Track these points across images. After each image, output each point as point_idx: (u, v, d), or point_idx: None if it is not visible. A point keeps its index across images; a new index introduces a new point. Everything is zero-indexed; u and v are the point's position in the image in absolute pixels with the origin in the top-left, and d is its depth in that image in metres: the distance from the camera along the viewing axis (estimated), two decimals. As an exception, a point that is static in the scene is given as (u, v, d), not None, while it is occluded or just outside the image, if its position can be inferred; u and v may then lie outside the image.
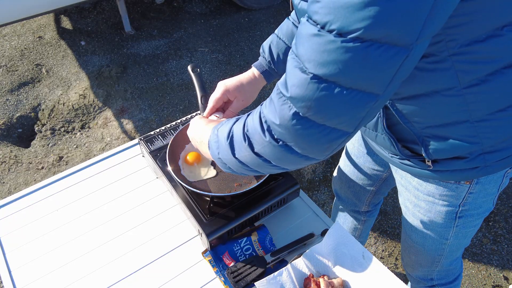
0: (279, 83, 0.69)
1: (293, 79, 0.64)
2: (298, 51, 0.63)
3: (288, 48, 1.09)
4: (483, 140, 0.85)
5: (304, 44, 0.62)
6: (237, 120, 0.80)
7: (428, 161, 0.92)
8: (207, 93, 1.23)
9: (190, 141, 1.22)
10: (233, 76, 1.12)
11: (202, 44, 3.49)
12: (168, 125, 1.33)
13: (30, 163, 2.60)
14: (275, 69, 1.12)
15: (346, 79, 0.60)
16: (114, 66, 3.27)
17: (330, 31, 0.57)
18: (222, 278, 1.03)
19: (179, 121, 1.35)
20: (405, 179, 1.09)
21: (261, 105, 0.75)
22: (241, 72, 1.14)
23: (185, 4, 3.97)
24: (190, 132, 1.00)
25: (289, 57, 0.67)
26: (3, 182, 2.50)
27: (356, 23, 0.55)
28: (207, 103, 1.20)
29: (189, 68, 1.22)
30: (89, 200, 1.24)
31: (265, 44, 1.13)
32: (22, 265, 1.08)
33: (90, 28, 3.67)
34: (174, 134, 1.20)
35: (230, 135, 0.79)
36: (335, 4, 0.56)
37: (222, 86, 1.08)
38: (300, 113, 0.65)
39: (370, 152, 1.30)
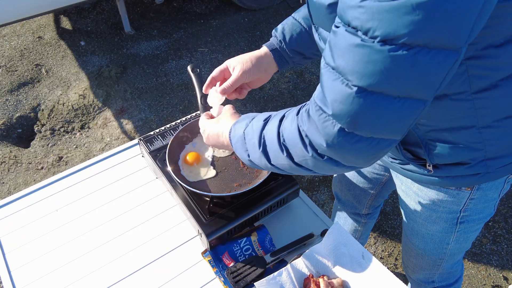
0: (316, 99, 0.65)
1: (334, 94, 0.61)
2: (337, 64, 0.60)
3: (303, 30, 1.06)
4: (487, 147, 0.84)
5: (344, 56, 0.59)
6: (264, 125, 0.77)
7: (429, 166, 0.91)
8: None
9: (189, 142, 1.22)
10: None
11: (202, 44, 3.49)
12: (168, 125, 1.33)
13: (30, 163, 2.60)
14: (286, 50, 1.07)
15: (394, 89, 0.57)
16: (113, 66, 3.27)
17: (373, 38, 0.55)
18: (222, 278, 1.03)
19: (178, 121, 1.35)
20: (405, 185, 1.08)
21: (290, 110, 0.73)
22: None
23: (185, 4, 3.97)
24: (206, 130, 0.97)
25: (323, 70, 0.64)
26: (3, 182, 2.50)
27: (402, 29, 0.52)
28: (207, 103, 1.20)
29: (188, 68, 1.22)
30: (89, 200, 1.24)
31: (279, 25, 1.08)
32: (21, 265, 1.08)
33: (90, 28, 3.67)
34: (174, 134, 1.20)
35: (262, 143, 0.76)
36: (379, 8, 0.53)
37: (227, 60, 1.06)
38: (346, 129, 0.62)
39: None
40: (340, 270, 0.99)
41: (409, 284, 1.52)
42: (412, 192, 1.07)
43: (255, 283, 0.94)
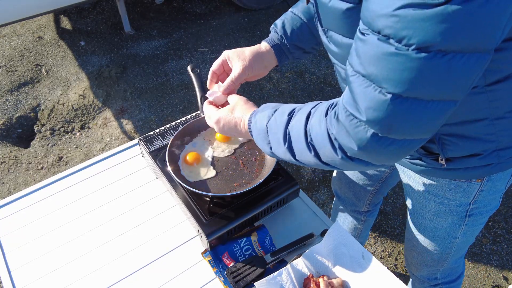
0: (346, 104, 0.66)
1: (368, 102, 0.62)
2: (368, 71, 0.61)
3: (304, 24, 1.06)
4: (500, 138, 0.85)
5: (376, 63, 0.60)
6: (289, 121, 0.77)
7: (442, 160, 0.91)
8: (206, 93, 1.23)
9: (189, 141, 1.22)
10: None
11: (202, 44, 3.49)
12: (168, 125, 1.33)
13: (30, 164, 2.60)
14: (287, 45, 1.06)
15: (428, 93, 0.59)
16: (113, 66, 3.27)
17: (408, 46, 0.55)
18: (222, 279, 1.03)
19: (178, 121, 1.35)
20: (413, 180, 1.08)
21: (315, 107, 0.73)
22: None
23: (185, 4, 3.97)
24: (220, 120, 0.93)
25: (351, 78, 0.64)
26: (3, 183, 2.50)
27: (438, 36, 0.53)
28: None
29: (188, 68, 1.22)
30: (89, 200, 1.24)
31: (278, 21, 1.08)
32: (21, 265, 1.08)
33: (90, 28, 3.67)
34: (174, 134, 1.20)
35: (288, 139, 0.76)
36: (414, 17, 0.54)
37: (224, 52, 1.04)
38: (379, 134, 0.63)
39: None
40: (340, 270, 0.99)
41: (410, 282, 1.52)
42: (421, 187, 1.06)
43: (255, 283, 0.94)
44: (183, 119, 1.37)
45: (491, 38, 0.56)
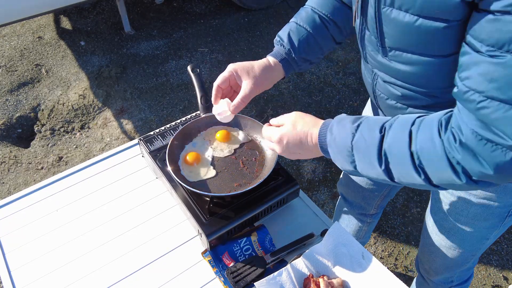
0: (477, 129, 0.63)
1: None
2: (510, 95, 0.58)
3: (310, 35, 1.03)
4: None
5: None
6: (382, 139, 0.72)
7: None
8: (206, 93, 1.23)
9: (189, 142, 1.22)
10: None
11: (202, 44, 3.49)
12: (168, 125, 1.33)
13: (30, 163, 2.60)
14: (294, 58, 1.03)
15: None
16: (113, 66, 3.27)
17: None
18: (222, 278, 1.03)
19: (178, 121, 1.35)
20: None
21: (417, 126, 0.69)
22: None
23: (185, 4, 3.97)
24: (284, 138, 0.87)
25: (484, 103, 0.61)
26: (3, 183, 2.50)
27: None
28: (207, 103, 1.19)
29: (188, 68, 1.22)
30: (89, 200, 1.24)
31: (282, 33, 1.04)
32: (21, 265, 1.08)
33: (90, 28, 3.67)
34: (174, 134, 1.20)
35: (384, 161, 0.72)
36: None
37: (231, 66, 0.99)
38: None
39: None
40: (340, 270, 0.99)
41: (413, 284, 1.50)
42: (464, 193, 1.02)
43: (255, 283, 0.94)
44: (183, 119, 1.37)
45: None
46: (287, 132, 0.86)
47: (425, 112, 0.80)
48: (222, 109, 1.03)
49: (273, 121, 0.93)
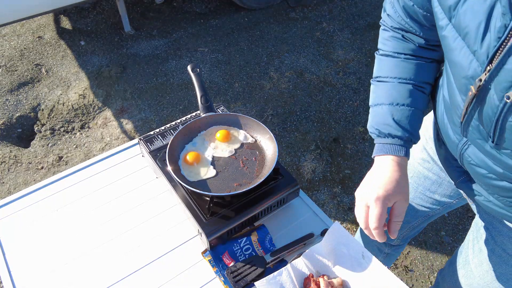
0: None
1: None
2: None
3: (415, 110, 0.89)
4: None
5: None
6: None
7: None
8: (206, 93, 1.23)
9: (189, 141, 1.22)
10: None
11: (202, 44, 3.49)
12: (168, 125, 1.33)
13: (30, 163, 2.60)
14: (414, 141, 0.91)
15: None
16: (113, 66, 3.27)
17: None
18: (222, 278, 1.03)
19: (178, 121, 1.35)
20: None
21: None
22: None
23: (185, 4, 3.97)
24: None
25: None
26: (3, 182, 2.50)
27: None
28: (207, 102, 1.19)
29: (188, 68, 1.22)
30: (89, 200, 1.24)
31: (382, 123, 0.90)
32: (21, 265, 1.08)
33: (90, 28, 3.67)
34: (174, 134, 1.20)
35: None
36: None
37: (377, 197, 0.83)
38: None
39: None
40: (340, 269, 0.99)
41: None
42: None
43: (255, 283, 0.94)
44: (183, 119, 1.37)
45: None
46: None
47: None
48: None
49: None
